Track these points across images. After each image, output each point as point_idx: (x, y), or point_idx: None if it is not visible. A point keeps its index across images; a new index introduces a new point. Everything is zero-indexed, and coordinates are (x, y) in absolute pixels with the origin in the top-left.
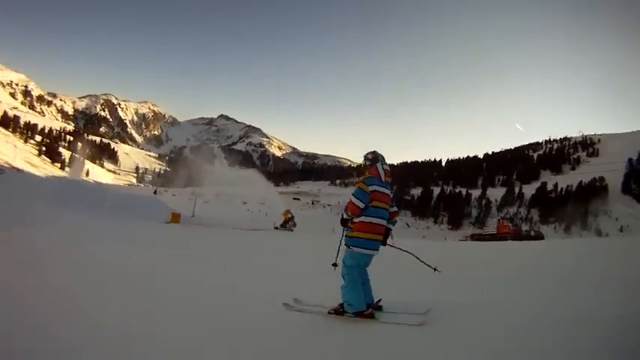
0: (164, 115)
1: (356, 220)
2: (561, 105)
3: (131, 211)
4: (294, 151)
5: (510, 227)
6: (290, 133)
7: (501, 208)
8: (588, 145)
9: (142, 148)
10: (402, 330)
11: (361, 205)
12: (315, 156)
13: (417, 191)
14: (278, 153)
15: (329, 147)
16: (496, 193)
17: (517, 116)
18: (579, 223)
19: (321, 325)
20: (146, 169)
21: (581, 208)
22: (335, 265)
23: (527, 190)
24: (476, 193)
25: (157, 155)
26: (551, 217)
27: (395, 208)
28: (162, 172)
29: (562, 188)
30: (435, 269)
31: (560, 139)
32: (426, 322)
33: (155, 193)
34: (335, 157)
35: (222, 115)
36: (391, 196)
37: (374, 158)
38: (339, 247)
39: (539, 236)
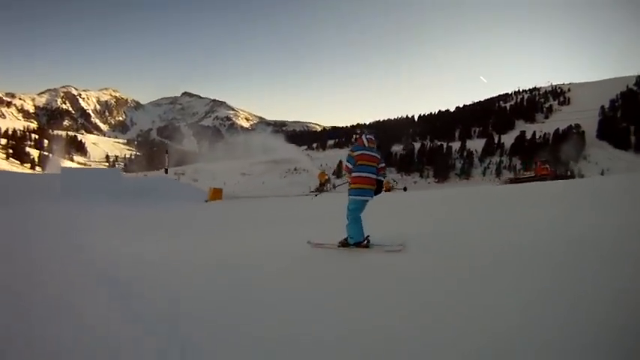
0: (126, 100)
1: (351, 175)
2: (528, 55)
3: (164, 195)
4: (262, 120)
5: (548, 168)
6: (256, 103)
7: (483, 159)
8: (559, 94)
9: (109, 137)
10: (387, 254)
11: (350, 165)
12: (283, 123)
13: (397, 148)
14: (246, 124)
15: (296, 113)
16: (475, 145)
17: (484, 69)
18: (562, 169)
19: (334, 252)
20: (117, 156)
21: (561, 154)
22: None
23: (506, 139)
24: (455, 145)
25: (125, 141)
26: (533, 165)
27: (383, 164)
28: (133, 157)
29: (540, 136)
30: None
31: (530, 89)
32: (404, 249)
33: (166, 172)
34: (304, 122)
35: (185, 92)
36: (378, 156)
37: (360, 132)
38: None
39: (573, 176)
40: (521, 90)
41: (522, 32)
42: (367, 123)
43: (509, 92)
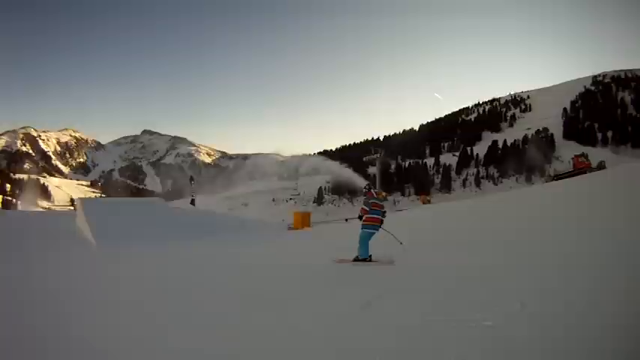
0: (87, 141)
1: (365, 216)
2: (483, 68)
3: (232, 228)
4: (224, 155)
5: (585, 161)
6: (217, 137)
7: (460, 171)
8: (519, 102)
9: (71, 179)
10: (383, 266)
11: (367, 208)
12: (245, 156)
13: (372, 169)
14: (208, 160)
15: (257, 145)
16: (448, 159)
17: (442, 85)
18: (537, 172)
19: (349, 266)
20: (81, 199)
21: (534, 158)
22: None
23: (476, 150)
24: (429, 161)
25: (88, 183)
26: (509, 171)
27: (384, 210)
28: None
29: (511, 143)
30: (401, 243)
31: (490, 100)
32: (393, 263)
33: (193, 203)
34: (266, 153)
35: (145, 130)
36: (382, 203)
37: (368, 186)
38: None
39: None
40: (481, 102)
41: (477, 46)
42: (333, 149)
43: (469, 106)
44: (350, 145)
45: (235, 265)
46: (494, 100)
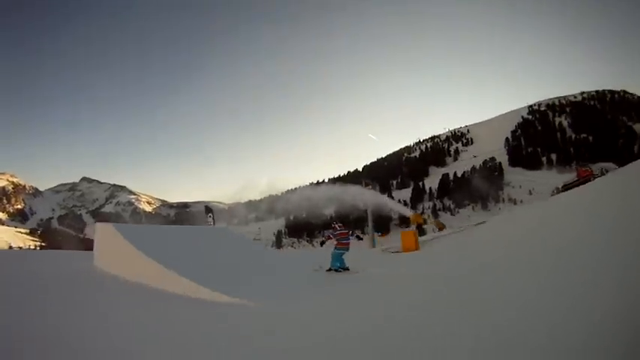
0: (24, 186)
1: (335, 241)
2: (420, 108)
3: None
4: (164, 203)
5: (589, 169)
6: (157, 185)
7: (415, 205)
8: (459, 137)
9: (8, 226)
10: (351, 275)
11: (332, 235)
12: (185, 205)
13: (328, 210)
14: (148, 208)
15: (199, 193)
16: (400, 195)
17: (377, 126)
18: (492, 199)
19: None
20: (20, 247)
21: (486, 186)
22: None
23: (427, 184)
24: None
25: (27, 231)
26: (464, 201)
27: (351, 234)
28: (38, 248)
29: (461, 175)
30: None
31: (430, 137)
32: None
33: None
34: (206, 201)
35: (84, 177)
36: (346, 231)
37: (335, 223)
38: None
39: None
40: (421, 140)
41: (407, 86)
42: (280, 193)
43: (411, 144)
44: (295, 188)
45: None
46: (434, 137)
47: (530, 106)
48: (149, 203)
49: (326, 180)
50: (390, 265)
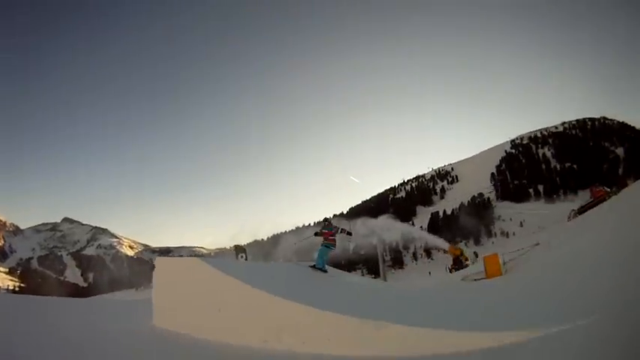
0: (5, 224)
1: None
2: (401, 149)
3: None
4: (147, 248)
5: (602, 189)
6: (140, 229)
7: (406, 245)
8: (444, 175)
9: None
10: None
11: (320, 234)
12: (168, 250)
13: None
14: (130, 252)
15: (181, 238)
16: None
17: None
18: (484, 234)
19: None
20: None
21: (476, 222)
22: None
23: (417, 224)
24: (371, 239)
25: (6, 270)
26: (456, 238)
27: (337, 231)
28: (17, 289)
29: (450, 212)
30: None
31: (415, 177)
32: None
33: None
34: (189, 247)
35: (65, 218)
36: (332, 230)
37: (323, 226)
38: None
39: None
40: (406, 180)
41: (389, 127)
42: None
43: (395, 185)
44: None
45: None
46: (419, 176)
47: (513, 140)
48: (131, 247)
49: (311, 224)
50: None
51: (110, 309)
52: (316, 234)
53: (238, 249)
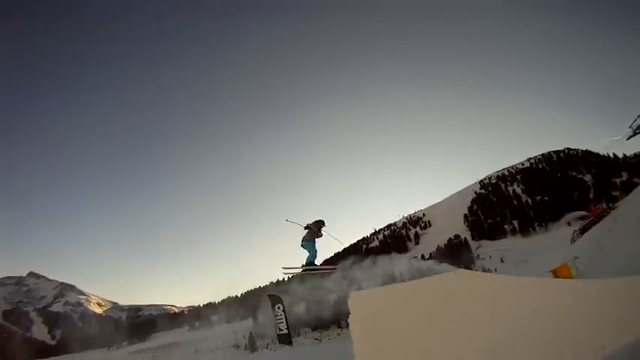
0: None
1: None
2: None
3: None
4: (115, 305)
5: (600, 207)
6: (108, 286)
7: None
8: (416, 221)
9: None
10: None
11: (311, 231)
12: (138, 308)
13: (300, 307)
14: (99, 310)
15: (149, 295)
16: (368, 285)
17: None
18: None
19: None
20: None
21: (455, 261)
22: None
23: (395, 271)
24: (350, 289)
25: None
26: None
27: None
28: None
29: (428, 256)
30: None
31: (386, 226)
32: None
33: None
34: (159, 305)
35: (31, 272)
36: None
37: (317, 226)
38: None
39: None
40: (377, 230)
41: (354, 179)
42: (239, 294)
43: (367, 235)
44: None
45: None
46: (391, 224)
47: (481, 181)
48: (99, 305)
49: (286, 279)
50: None
51: None
52: (307, 227)
53: (274, 299)
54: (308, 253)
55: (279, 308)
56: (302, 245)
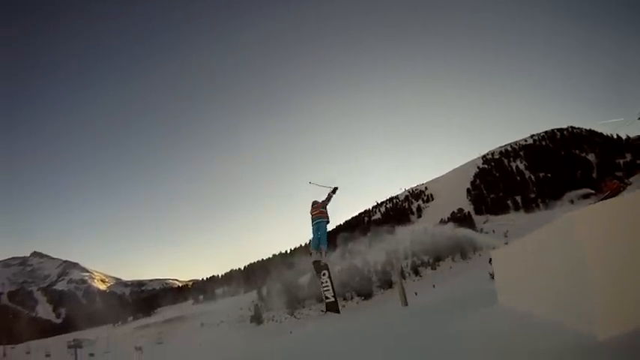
0: None
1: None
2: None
3: None
4: (119, 281)
5: (616, 182)
6: (111, 262)
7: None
8: (419, 194)
9: None
10: None
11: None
12: (141, 283)
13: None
14: (103, 287)
15: (154, 270)
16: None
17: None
18: (471, 248)
19: None
20: None
21: (461, 236)
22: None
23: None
24: (357, 262)
25: None
26: (443, 255)
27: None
28: None
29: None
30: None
31: (389, 199)
32: None
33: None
34: (162, 279)
35: (35, 252)
36: (321, 204)
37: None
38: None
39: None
40: (379, 202)
41: (357, 150)
42: (242, 267)
43: (369, 208)
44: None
45: None
46: (393, 197)
47: (484, 156)
48: (103, 281)
49: (282, 251)
50: None
51: None
52: (334, 191)
53: (318, 267)
54: (320, 236)
55: (324, 275)
56: (316, 224)
